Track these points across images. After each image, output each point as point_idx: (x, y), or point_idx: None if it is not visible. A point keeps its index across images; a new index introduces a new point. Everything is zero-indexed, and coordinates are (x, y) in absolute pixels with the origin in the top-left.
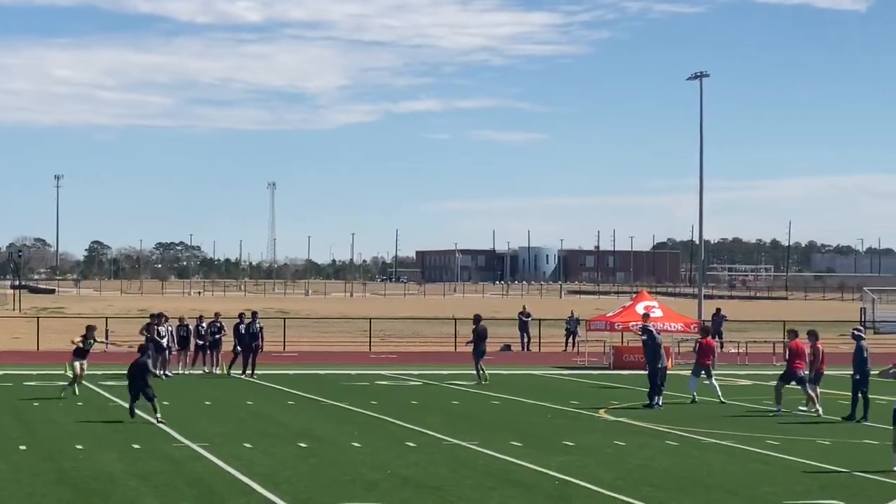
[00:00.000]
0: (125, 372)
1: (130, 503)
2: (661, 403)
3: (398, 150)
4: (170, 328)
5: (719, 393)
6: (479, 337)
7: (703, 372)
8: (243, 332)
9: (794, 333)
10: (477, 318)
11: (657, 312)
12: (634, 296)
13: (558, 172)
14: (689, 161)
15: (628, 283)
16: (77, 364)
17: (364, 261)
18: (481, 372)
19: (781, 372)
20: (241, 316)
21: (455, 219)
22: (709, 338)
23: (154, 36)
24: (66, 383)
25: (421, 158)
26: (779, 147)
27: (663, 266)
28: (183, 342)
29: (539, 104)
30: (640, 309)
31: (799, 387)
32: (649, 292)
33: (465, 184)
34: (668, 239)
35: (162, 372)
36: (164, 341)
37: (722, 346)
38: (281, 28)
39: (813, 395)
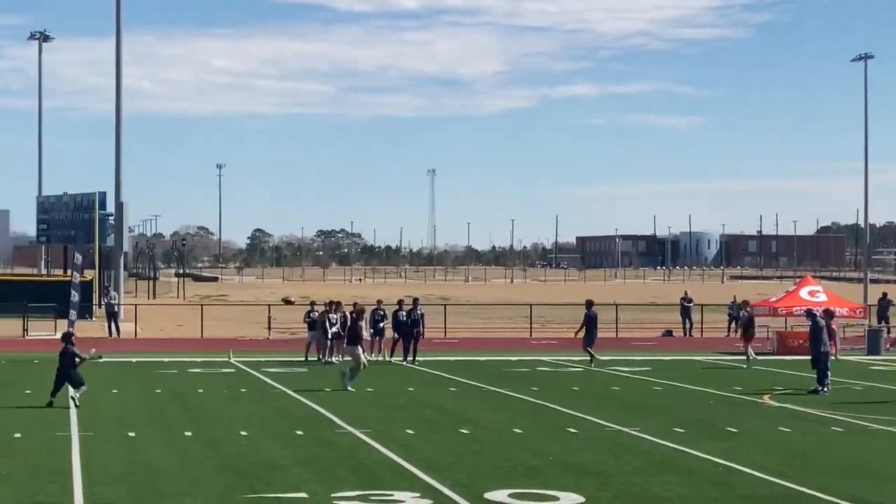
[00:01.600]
0: (288, 359)
1: (294, 489)
2: (826, 389)
3: (556, 135)
4: (341, 316)
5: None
6: (591, 322)
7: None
8: (403, 318)
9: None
10: (589, 304)
11: (821, 297)
12: (798, 280)
13: (719, 156)
14: (852, 143)
15: (791, 267)
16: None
17: (524, 247)
18: (594, 357)
19: None
20: (400, 303)
21: (614, 204)
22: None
23: (312, 24)
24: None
25: (579, 143)
26: None
27: (827, 250)
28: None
29: (698, 88)
30: (804, 294)
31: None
32: (813, 277)
33: (625, 168)
34: (833, 222)
35: (326, 359)
36: (335, 329)
37: (889, 331)
38: (438, 15)
39: None
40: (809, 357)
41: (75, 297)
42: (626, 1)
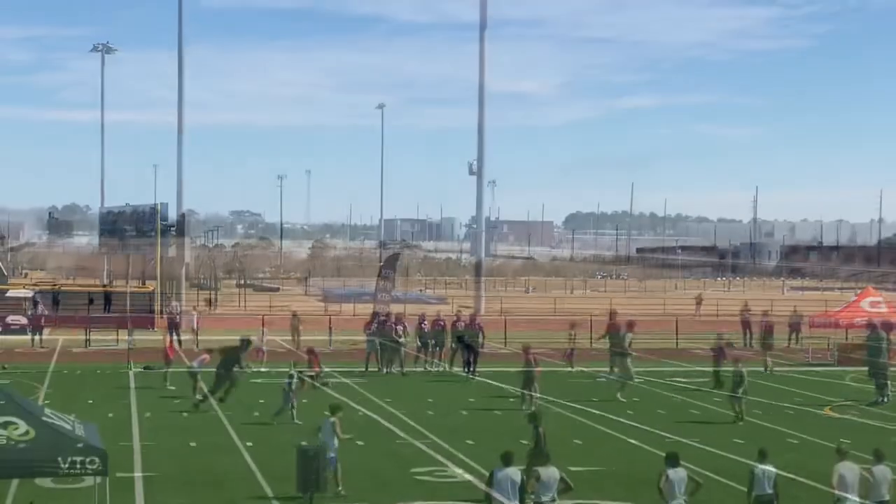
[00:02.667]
0: (349, 369)
1: (356, 498)
2: (886, 399)
3: (618, 145)
4: (402, 327)
5: None
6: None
7: None
8: (462, 329)
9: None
10: (612, 314)
11: (882, 308)
12: (859, 292)
13: (779, 167)
14: None
15: (853, 278)
16: None
17: (584, 257)
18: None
19: None
20: (458, 314)
21: (675, 214)
22: None
23: (373, 37)
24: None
25: (642, 154)
26: None
27: (889, 261)
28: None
29: (759, 98)
30: (865, 305)
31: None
32: (874, 288)
33: (686, 178)
34: (895, 234)
35: (399, 369)
36: (402, 339)
37: None
38: (501, 27)
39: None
40: (868, 368)
41: (128, 307)
42: (688, 12)
